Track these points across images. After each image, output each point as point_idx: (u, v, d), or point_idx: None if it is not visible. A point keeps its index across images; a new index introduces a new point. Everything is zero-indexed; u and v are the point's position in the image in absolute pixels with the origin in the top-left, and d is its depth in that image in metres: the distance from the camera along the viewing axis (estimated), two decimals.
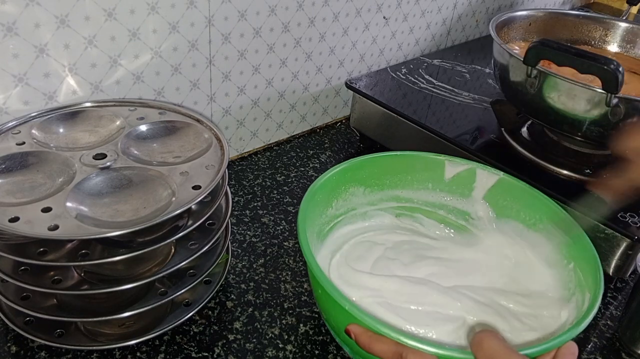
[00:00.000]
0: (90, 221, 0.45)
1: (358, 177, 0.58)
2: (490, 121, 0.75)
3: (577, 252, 0.50)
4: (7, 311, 0.50)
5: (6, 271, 0.47)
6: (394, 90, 0.79)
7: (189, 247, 0.51)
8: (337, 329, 0.44)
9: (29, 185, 0.48)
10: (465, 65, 0.90)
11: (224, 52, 0.67)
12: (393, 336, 0.38)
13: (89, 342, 0.49)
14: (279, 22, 0.71)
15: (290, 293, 0.57)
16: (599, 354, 0.55)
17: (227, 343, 0.52)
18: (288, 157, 0.79)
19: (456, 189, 0.60)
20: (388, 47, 0.89)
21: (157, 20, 0.60)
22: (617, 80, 0.56)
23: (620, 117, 0.58)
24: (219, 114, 0.72)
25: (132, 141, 0.55)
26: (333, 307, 0.43)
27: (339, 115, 0.89)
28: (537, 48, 0.61)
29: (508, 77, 0.67)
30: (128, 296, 0.50)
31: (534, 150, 0.69)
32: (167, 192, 0.49)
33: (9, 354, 0.49)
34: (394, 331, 0.38)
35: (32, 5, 0.51)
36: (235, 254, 0.61)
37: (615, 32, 0.82)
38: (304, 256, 0.44)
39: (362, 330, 0.40)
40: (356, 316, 0.40)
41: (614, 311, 0.60)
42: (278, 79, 0.76)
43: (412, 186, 0.61)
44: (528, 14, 0.81)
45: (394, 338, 0.38)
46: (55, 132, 0.55)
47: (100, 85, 0.59)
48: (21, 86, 0.54)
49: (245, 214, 0.67)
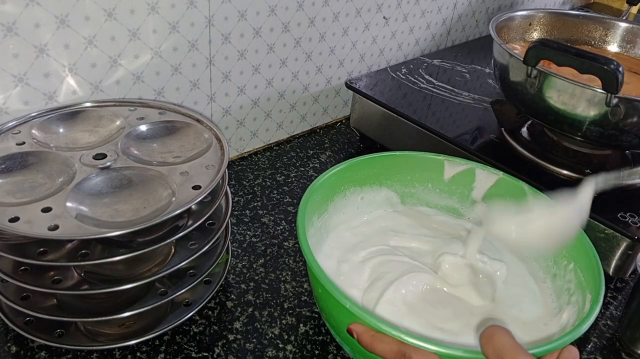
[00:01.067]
0: (90, 221, 0.45)
1: (357, 177, 0.58)
2: (490, 121, 0.75)
3: (576, 252, 0.51)
4: (7, 311, 0.50)
5: (6, 271, 0.47)
6: (394, 90, 0.79)
7: (189, 247, 0.51)
8: (338, 328, 0.44)
9: (29, 185, 0.48)
10: (465, 65, 0.90)
11: (224, 52, 0.67)
12: (395, 335, 0.38)
13: (89, 342, 0.49)
14: (279, 22, 0.71)
15: (290, 293, 0.57)
16: (599, 354, 0.55)
17: (227, 343, 0.52)
18: (288, 157, 0.79)
19: (456, 189, 0.60)
20: (388, 47, 0.89)
21: (157, 20, 0.60)
22: (617, 80, 0.56)
23: (620, 117, 0.58)
24: (219, 114, 0.72)
25: (132, 141, 0.55)
26: (334, 306, 0.43)
27: (339, 115, 0.89)
28: (537, 48, 0.61)
29: (508, 77, 0.67)
30: (128, 296, 0.50)
31: (533, 150, 0.69)
32: (167, 192, 0.49)
33: (9, 354, 0.49)
34: (396, 329, 0.38)
35: (32, 5, 0.51)
36: (235, 254, 0.61)
37: (615, 32, 0.82)
38: (304, 255, 0.44)
39: (364, 329, 0.40)
40: (357, 314, 0.40)
41: (614, 311, 0.60)
42: (278, 79, 0.76)
43: (411, 186, 0.61)
44: (528, 14, 0.81)
45: (396, 337, 0.38)
46: (55, 132, 0.54)
47: (100, 85, 0.59)
48: (21, 86, 0.54)
49: (245, 214, 0.67)
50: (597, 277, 0.46)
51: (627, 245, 0.57)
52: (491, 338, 0.36)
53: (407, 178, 0.60)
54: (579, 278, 0.49)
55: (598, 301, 0.43)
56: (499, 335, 0.36)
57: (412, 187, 0.61)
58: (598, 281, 0.45)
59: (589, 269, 0.48)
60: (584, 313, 0.44)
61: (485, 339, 0.36)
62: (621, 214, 0.59)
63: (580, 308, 0.46)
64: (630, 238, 0.57)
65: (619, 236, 0.57)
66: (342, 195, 0.57)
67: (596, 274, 0.46)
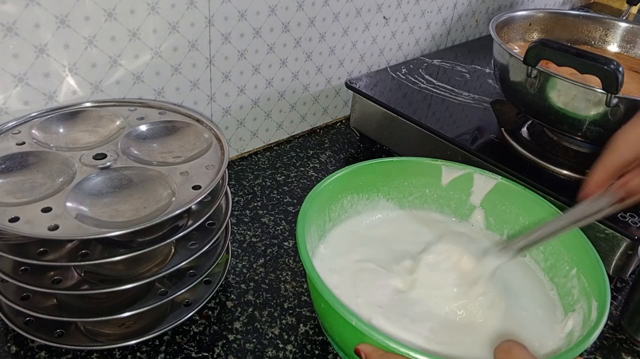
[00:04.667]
0: (90, 221, 0.45)
1: (355, 184, 0.57)
2: (490, 121, 0.75)
3: (578, 257, 0.50)
4: (7, 311, 0.50)
5: (6, 271, 0.47)
6: (394, 90, 0.79)
7: (189, 247, 0.51)
8: (342, 344, 0.44)
9: (29, 185, 0.48)
10: (465, 65, 0.90)
11: (224, 52, 0.67)
12: (403, 352, 0.37)
13: (89, 342, 0.49)
14: (279, 22, 0.71)
15: (290, 293, 0.57)
16: (599, 354, 0.55)
17: (227, 343, 0.52)
18: (288, 157, 0.79)
19: (454, 195, 0.60)
20: (388, 47, 0.89)
21: (157, 20, 0.60)
22: (617, 80, 0.56)
23: (620, 117, 0.58)
24: (219, 114, 0.72)
25: (132, 141, 0.55)
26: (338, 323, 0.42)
27: (339, 115, 0.89)
28: (537, 48, 0.61)
29: (508, 77, 0.67)
30: (128, 296, 0.50)
31: (534, 150, 0.69)
32: (167, 192, 0.49)
33: (9, 354, 0.49)
34: (405, 346, 0.37)
35: (32, 5, 0.51)
36: (235, 254, 0.61)
37: (615, 32, 0.82)
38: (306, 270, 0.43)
39: (372, 349, 0.39)
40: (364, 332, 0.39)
41: (613, 311, 0.59)
42: (278, 79, 0.76)
43: (409, 191, 0.60)
44: (528, 14, 0.81)
45: (404, 354, 0.37)
46: (55, 132, 0.55)
47: (100, 85, 0.59)
48: (21, 86, 0.54)
49: (245, 214, 0.67)
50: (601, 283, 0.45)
51: (627, 245, 0.57)
52: (510, 352, 0.35)
53: (404, 184, 0.60)
54: (582, 284, 0.49)
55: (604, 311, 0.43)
56: (517, 349, 0.35)
57: (409, 193, 0.60)
58: (603, 288, 0.45)
59: (592, 275, 0.48)
60: (591, 321, 0.43)
61: (503, 353, 0.35)
62: (621, 214, 0.59)
63: (587, 316, 0.45)
64: (630, 238, 0.57)
65: (619, 236, 0.57)
66: (340, 203, 0.57)
67: (600, 280, 0.46)
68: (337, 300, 0.40)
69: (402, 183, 0.60)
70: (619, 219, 0.58)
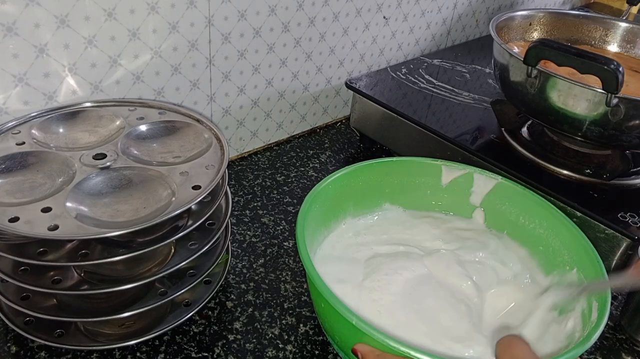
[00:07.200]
0: (90, 221, 0.45)
1: (355, 184, 0.57)
2: (490, 121, 0.75)
3: (578, 257, 0.50)
4: (7, 311, 0.50)
5: (6, 271, 0.47)
6: (394, 90, 0.79)
7: (189, 247, 0.51)
8: (342, 344, 0.44)
9: (29, 185, 0.48)
10: (465, 65, 0.90)
11: (224, 52, 0.67)
12: (403, 351, 0.37)
13: (89, 342, 0.49)
14: (279, 22, 0.71)
15: (290, 293, 0.57)
16: (599, 354, 0.55)
17: (227, 343, 0.52)
18: (288, 157, 0.79)
19: (454, 195, 0.60)
20: (388, 47, 0.89)
21: (157, 20, 0.60)
22: (617, 80, 0.56)
23: (620, 117, 0.58)
24: (219, 114, 0.72)
25: (132, 141, 0.55)
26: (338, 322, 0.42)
27: (339, 115, 0.89)
28: (537, 48, 0.61)
29: (508, 77, 0.67)
30: (128, 296, 0.50)
31: (534, 150, 0.69)
32: (167, 192, 0.49)
33: (9, 354, 0.49)
34: (404, 345, 0.37)
35: (32, 5, 0.51)
36: (235, 254, 0.61)
37: (615, 32, 0.82)
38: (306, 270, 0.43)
39: (369, 349, 0.39)
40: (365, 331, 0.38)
41: (613, 311, 0.59)
42: (278, 79, 0.76)
43: (408, 191, 0.60)
44: (528, 14, 0.81)
45: (404, 353, 0.37)
46: (55, 132, 0.54)
47: (100, 85, 0.59)
48: (21, 86, 0.54)
49: (245, 214, 0.67)
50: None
51: (627, 245, 0.57)
52: (510, 347, 0.35)
53: (404, 184, 0.59)
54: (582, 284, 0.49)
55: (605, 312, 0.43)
56: (518, 344, 0.35)
57: (409, 193, 0.60)
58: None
59: (592, 275, 0.47)
60: (591, 322, 0.43)
61: (504, 347, 0.35)
62: (621, 214, 0.59)
63: (587, 316, 0.45)
64: (630, 238, 0.57)
65: (619, 236, 0.57)
66: (339, 204, 0.56)
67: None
68: (337, 300, 0.40)
69: (402, 183, 0.60)
70: (619, 219, 0.58)
